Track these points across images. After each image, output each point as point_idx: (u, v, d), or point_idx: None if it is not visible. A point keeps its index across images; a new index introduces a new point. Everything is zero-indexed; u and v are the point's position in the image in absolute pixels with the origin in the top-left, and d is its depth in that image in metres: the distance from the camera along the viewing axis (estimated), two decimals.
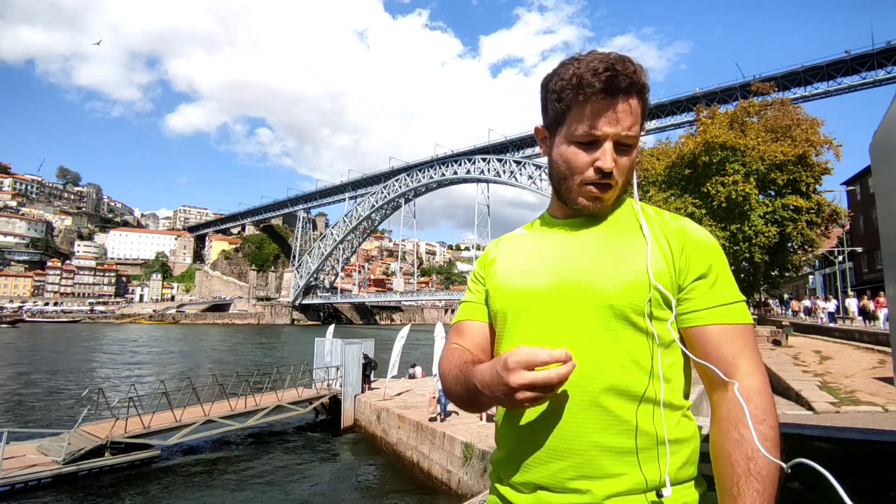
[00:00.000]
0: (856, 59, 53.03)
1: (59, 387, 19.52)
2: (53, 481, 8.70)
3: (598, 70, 0.80)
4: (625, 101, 0.81)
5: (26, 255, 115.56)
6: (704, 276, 0.81)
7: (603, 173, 0.82)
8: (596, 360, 0.78)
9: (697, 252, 0.82)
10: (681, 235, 0.84)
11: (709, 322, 0.79)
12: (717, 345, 0.78)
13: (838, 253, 29.50)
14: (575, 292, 0.82)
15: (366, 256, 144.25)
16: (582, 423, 0.77)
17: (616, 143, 0.82)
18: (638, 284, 0.79)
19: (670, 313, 0.80)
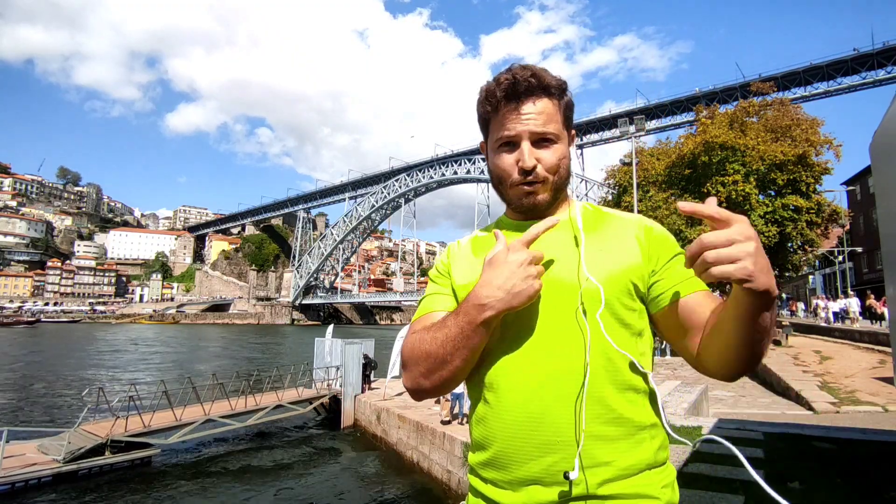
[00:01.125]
0: (856, 59, 53.04)
1: (59, 386, 19.52)
2: (53, 480, 8.70)
3: (499, 81, 0.90)
4: (531, 103, 0.88)
5: (26, 255, 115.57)
6: (674, 258, 0.89)
7: (525, 171, 0.88)
8: (575, 354, 0.82)
9: (663, 240, 0.91)
10: (644, 228, 0.92)
11: (689, 290, 0.85)
12: (701, 304, 0.84)
13: (838, 253, 29.52)
14: (555, 288, 0.85)
15: (366, 256, 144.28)
16: (574, 414, 0.80)
17: (534, 141, 0.89)
18: (608, 277, 0.85)
19: (639, 303, 0.88)
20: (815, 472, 4.32)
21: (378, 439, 11.51)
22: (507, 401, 0.84)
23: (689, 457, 4.51)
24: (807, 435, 5.60)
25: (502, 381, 0.85)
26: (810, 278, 42.61)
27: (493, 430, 0.86)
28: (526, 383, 0.83)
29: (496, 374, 0.87)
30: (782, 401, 9.80)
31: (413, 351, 0.87)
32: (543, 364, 0.83)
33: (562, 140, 0.91)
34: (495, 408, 0.86)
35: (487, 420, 0.87)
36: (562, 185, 0.93)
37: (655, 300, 0.88)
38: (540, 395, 0.82)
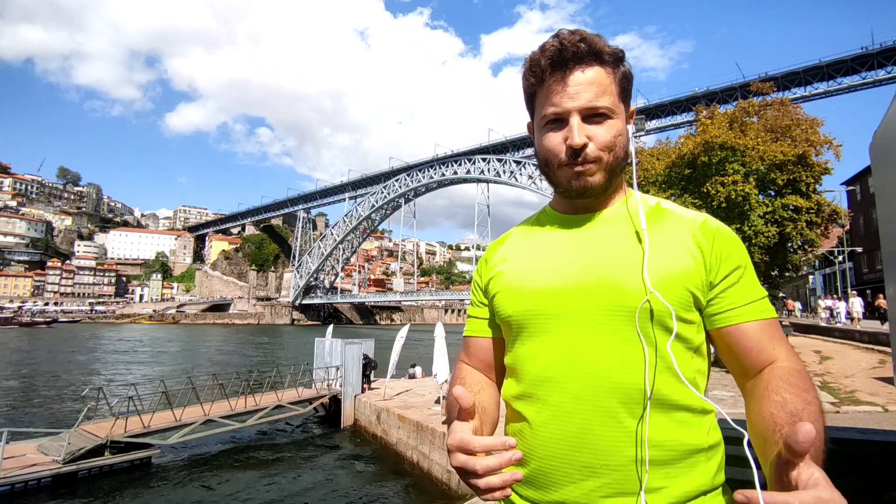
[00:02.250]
0: (856, 59, 53.06)
1: (58, 386, 19.51)
2: (53, 481, 8.69)
3: (545, 48, 0.80)
4: (580, 72, 0.78)
5: (26, 255, 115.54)
6: (735, 272, 0.78)
7: (574, 151, 0.78)
8: (628, 368, 0.74)
9: (728, 248, 0.79)
10: (708, 231, 0.80)
11: (746, 319, 0.77)
12: (757, 339, 0.76)
13: (838, 253, 29.52)
14: (598, 293, 0.77)
15: (366, 256, 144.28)
16: (618, 436, 0.72)
17: (586, 116, 0.78)
18: (669, 284, 0.75)
19: (698, 315, 0.78)
20: None
21: (378, 439, 11.50)
22: (545, 415, 0.77)
23: None
24: None
25: (541, 392, 0.78)
26: (810, 278, 42.62)
27: (530, 446, 0.79)
28: (567, 398, 0.76)
29: (535, 383, 0.79)
30: None
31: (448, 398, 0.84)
32: (589, 378, 0.75)
33: (618, 115, 0.80)
34: (533, 422, 0.79)
35: (524, 434, 0.80)
36: (618, 166, 0.81)
37: (710, 319, 0.79)
38: (581, 412, 0.74)
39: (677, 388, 0.74)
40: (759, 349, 0.76)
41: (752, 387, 0.75)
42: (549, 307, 0.80)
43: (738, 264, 0.79)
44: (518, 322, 0.83)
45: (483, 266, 0.95)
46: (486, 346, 0.93)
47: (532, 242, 0.89)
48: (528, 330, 0.82)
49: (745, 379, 0.78)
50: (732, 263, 0.79)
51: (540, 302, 0.81)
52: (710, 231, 0.80)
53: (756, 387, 0.74)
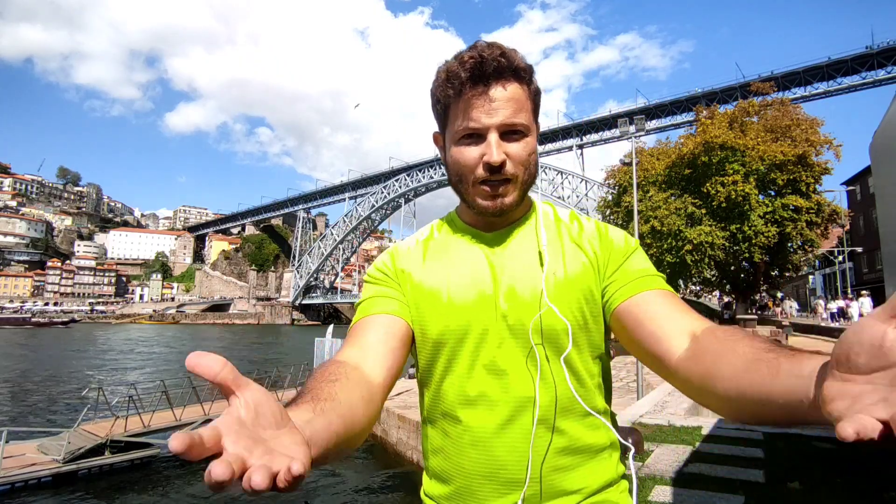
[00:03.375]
0: (856, 59, 53.09)
1: (59, 386, 19.52)
2: (53, 480, 8.70)
3: (463, 59, 0.77)
4: (499, 87, 0.76)
5: (26, 255, 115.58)
6: (623, 257, 0.82)
7: (492, 168, 0.76)
8: (548, 383, 0.77)
9: (614, 241, 0.84)
10: (596, 235, 0.85)
11: (641, 289, 0.77)
12: (662, 304, 0.74)
13: (838, 253, 29.53)
14: (508, 312, 0.78)
15: (366, 256, 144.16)
16: (541, 449, 0.75)
17: (503, 133, 0.77)
18: (577, 298, 0.79)
19: (601, 318, 0.81)
20: (815, 472, 4.32)
21: (378, 439, 11.51)
22: (470, 436, 0.77)
23: (689, 457, 4.51)
24: (807, 435, 5.60)
25: (464, 413, 0.78)
26: (810, 278, 42.62)
27: (455, 465, 0.79)
28: (490, 418, 0.77)
29: (457, 403, 0.79)
30: None
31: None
32: (508, 397, 0.77)
33: (532, 132, 0.80)
34: (457, 441, 0.79)
35: (448, 453, 0.80)
36: (530, 183, 0.82)
37: (608, 303, 0.80)
38: (506, 432, 0.76)
39: (588, 394, 0.79)
40: (669, 314, 0.72)
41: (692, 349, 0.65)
42: (466, 325, 0.79)
43: (625, 251, 0.82)
44: (437, 340, 0.80)
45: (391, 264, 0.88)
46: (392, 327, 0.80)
47: (445, 255, 0.86)
48: (447, 348, 0.80)
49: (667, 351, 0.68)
50: (619, 252, 0.82)
51: (458, 319, 0.79)
52: (598, 234, 0.84)
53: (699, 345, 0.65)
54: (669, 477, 4.00)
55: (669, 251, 19.06)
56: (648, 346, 0.72)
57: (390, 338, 0.79)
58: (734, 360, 0.57)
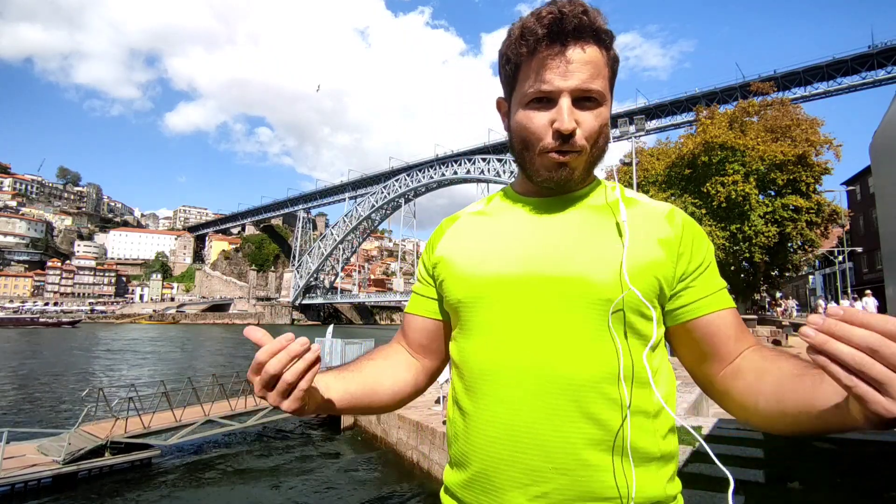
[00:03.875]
0: (856, 59, 53.07)
1: (59, 387, 19.52)
2: (53, 481, 8.69)
3: (541, 14, 0.70)
4: (577, 49, 0.69)
5: (26, 255, 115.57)
6: (703, 263, 0.75)
7: (563, 136, 0.70)
8: (583, 363, 0.68)
9: (698, 239, 0.76)
10: (678, 221, 0.76)
11: (714, 309, 0.73)
12: (734, 326, 0.73)
13: (838, 253, 29.52)
14: (555, 282, 0.71)
15: (366, 256, 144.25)
16: (568, 437, 0.66)
17: (576, 99, 0.71)
18: (641, 277, 0.70)
19: (661, 309, 0.73)
20: (815, 472, 4.32)
21: (378, 439, 11.50)
22: (488, 413, 0.71)
23: (689, 456, 4.51)
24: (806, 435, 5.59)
25: (484, 386, 0.72)
26: (810, 278, 42.61)
27: (472, 446, 0.72)
28: (512, 393, 0.69)
29: (477, 376, 0.73)
30: None
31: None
32: (538, 373, 0.68)
33: (606, 102, 0.73)
34: (475, 419, 0.72)
35: (466, 432, 0.74)
36: (599, 158, 0.76)
37: (675, 313, 0.74)
38: (528, 410, 0.68)
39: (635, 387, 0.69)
40: (736, 336, 0.73)
41: (738, 366, 0.71)
42: (501, 294, 0.73)
43: (705, 255, 0.76)
44: (466, 308, 0.76)
45: (432, 243, 0.88)
46: (424, 326, 0.87)
47: (488, 224, 0.82)
48: (476, 318, 0.75)
49: (718, 366, 0.73)
50: (700, 254, 0.75)
51: (492, 288, 0.74)
52: (678, 222, 0.76)
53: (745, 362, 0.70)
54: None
55: None
56: (705, 364, 0.74)
57: (424, 336, 0.88)
58: (778, 374, 0.63)
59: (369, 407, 0.81)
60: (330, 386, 0.74)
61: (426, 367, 0.89)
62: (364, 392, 0.78)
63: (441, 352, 0.88)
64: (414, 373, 0.87)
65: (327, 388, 0.74)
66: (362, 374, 0.80)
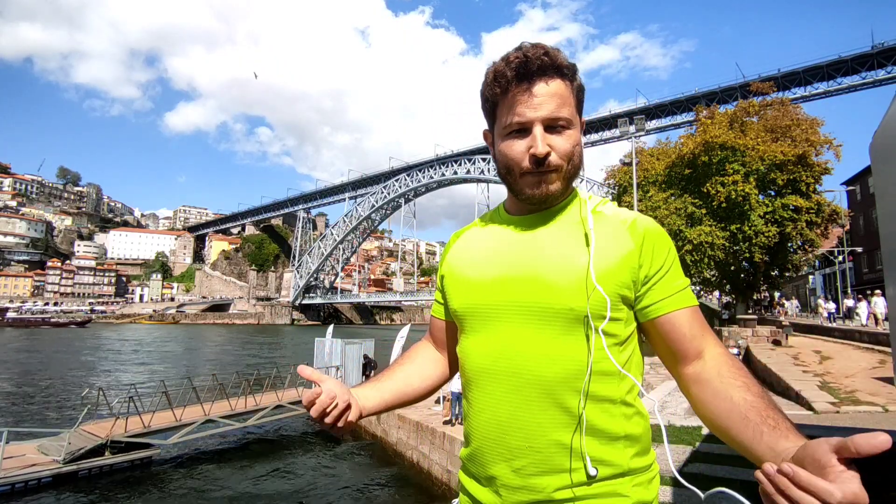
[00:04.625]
0: (856, 59, 53.06)
1: (59, 386, 19.52)
2: (53, 481, 8.70)
3: (509, 59, 0.83)
4: (543, 84, 0.82)
5: (26, 255, 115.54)
6: (664, 266, 0.85)
7: (538, 159, 0.82)
8: (553, 360, 0.80)
9: (658, 244, 0.85)
10: (640, 229, 0.85)
11: (673, 308, 0.84)
12: (689, 326, 0.84)
13: (838, 253, 29.53)
14: (526, 289, 0.83)
15: (366, 256, 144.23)
16: (542, 422, 0.80)
17: (548, 126, 0.83)
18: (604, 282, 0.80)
19: (627, 310, 0.84)
20: None
21: (378, 439, 11.51)
22: (481, 403, 0.86)
23: (689, 456, 4.51)
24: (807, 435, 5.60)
25: (479, 381, 0.86)
26: (810, 278, 42.60)
27: (472, 428, 0.88)
28: (498, 388, 0.83)
29: (474, 372, 0.88)
30: (782, 401, 9.79)
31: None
32: (517, 370, 0.82)
33: (575, 126, 0.85)
34: (473, 407, 0.88)
35: (469, 417, 0.90)
36: (574, 174, 0.87)
37: (641, 312, 0.85)
38: (509, 401, 0.82)
39: (600, 379, 0.80)
40: (692, 335, 0.83)
41: (696, 373, 0.82)
42: (487, 303, 0.86)
43: (666, 258, 0.85)
44: (462, 315, 0.91)
45: (444, 254, 1.02)
46: (441, 326, 1.05)
47: (482, 239, 0.95)
48: (470, 323, 0.89)
49: (681, 364, 0.84)
50: (661, 258, 0.85)
51: (480, 297, 0.87)
52: (639, 230, 0.85)
53: (702, 374, 0.81)
54: (669, 477, 4.00)
55: None
56: (671, 360, 0.86)
57: (444, 335, 1.06)
58: (728, 407, 0.75)
59: (403, 405, 1.01)
60: (368, 398, 0.92)
61: (450, 358, 1.07)
62: (396, 397, 0.98)
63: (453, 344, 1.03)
64: (440, 366, 1.07)
65: (366, 400, 0.91)
66: (394, 381, 0.99)
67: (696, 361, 0.83)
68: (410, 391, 1.01)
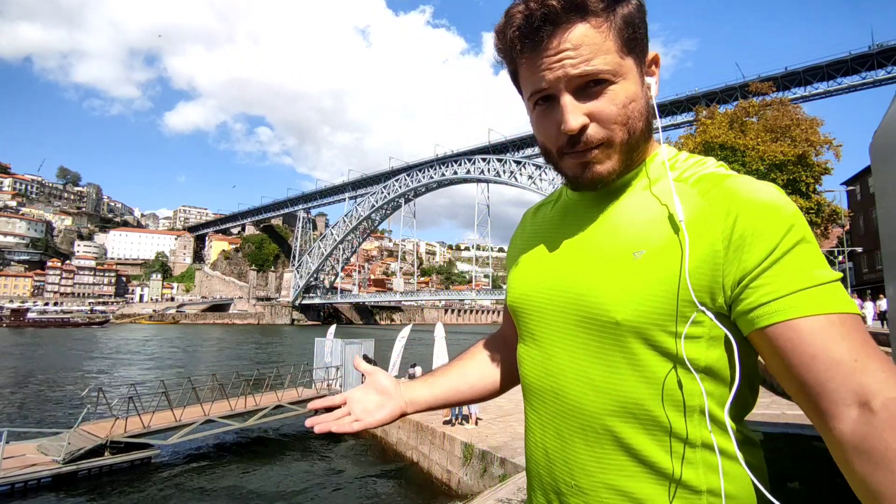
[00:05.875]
0: (855, 60, 53.07)
1: (59, 386, 19.52)
2: (53, 481, 8.70)
3: (510, 15, 0.63)
4: (560, 33, 0.60)
5: (26, 255, 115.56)
6: (775, 252, 0.55)
7: (572, 138, 0.62)
8: (601, 388, 0.62)
9: (762, 219, 0.56)
10: (730, 201, 0.59)
11: (798, 314, 0.53)
12: (823, 344, 0.52)
13: (838, 253, 29.53)
14: (573, 291, 0.66)
15: (366, 256, 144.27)
16: (587, 459, 0.64)
17: (579, 88, 0.61)
18: (661, 294, 0.59)
19: (707, 324, 0.59)
20: (815, 472, 4.32)
21: (378, 439, 11.50)
22: (531, 419, 0.73)
23: None
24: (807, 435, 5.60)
25: (527, 393, 0.74)
26: None
27: (526, 445, 0.76)
28: (542, 405, 0.70)
29: (524, 382, 0.75)
30: (782, 401, 9.79)
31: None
32: (557, 392, 0.67)
33: (623, 75, 0.62)
34: (526, 421, 0.75)
35: (526, 432, 0.76)
36: (636, 141, 0.65)
37: (744, 318, 0.57)
38: (555, 424, 0.67)
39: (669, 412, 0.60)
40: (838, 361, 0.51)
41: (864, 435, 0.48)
42: (537, 301, 0.71)
43: (780, 241, 0.55)
44: (514, 311, 0.77)
45: (513, 240, 0.87)
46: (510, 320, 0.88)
47: (546, 220, 0.78)
48: (522, 323, 0.75)
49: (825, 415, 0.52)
50: (772, 240, 0.56)
51: (530, 292, 0.73)
52: (733, 200, 0.59)
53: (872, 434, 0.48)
54: None
55: None
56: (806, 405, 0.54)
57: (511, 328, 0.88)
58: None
59: (458, 402, 0.91)
60: (417, 393, 0.86)
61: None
62: (447, 394, 0.88)
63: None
64: (502, 366, 0.91)
65: (416, 395, 0.86)
66: (447, 377, 0.90)
67: (855, 410, 0.50)
68: (464, 389, 0.89)
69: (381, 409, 0.80)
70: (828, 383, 0.51)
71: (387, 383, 0.82)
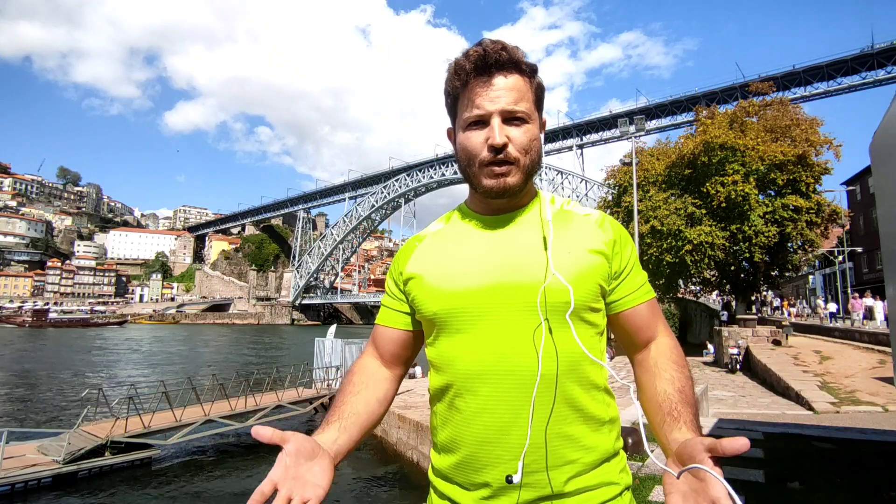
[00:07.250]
0: (856, 59, 53.10)
1: (59, 387, 19.52)
2: (53, 481, 8.70)
3: (468, 54, 0.86)
4: (501, 77, 0.84)
5: (26, 255, 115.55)
6: (630, 262, 0.91)
7: (496, 149, 0.83)
8: (552, 354, 0.81)
9: (626, 241, 0.92)
10: (610, 227, 0.91)
11: (638, 302, 0.91)
12: (646, 318, 0.92)
13: (838, 253, 29.54)
14: (513, 291, 0.83)
15: (366, 256, 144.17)
16: (543, 418, 0.80)
17: (506, 119, 0.84)
18: (581, 279, 0.84)
19: (602, 303, 0.89)
20: (815, 472, 4.32)
21: (378, 439, 11.51)
22: (476, 406, 0.83)
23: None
24: (807, 435, 5.61)
25: (471, 385, 0.84)
26: (810, 278, 42.62)
27: (462, 435, 0.85)
28: (496, 390, 0.82)
29: (464, 377, 0.85)
30: (782, 401, 9.80)
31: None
32: (512, 369, 0.81)
33: (533, 121, 0.87)
34: (464, 413, 0.84)
35: (455, 424, 0.86)
36: (533, 169, 0.88)
37: (612, 304, 0.91)
38: (508, 400, 0.81)
39: (588, 369, 0.84)
40: (647, 326, 0.92)
41: (642, 359, 0.92)
42: (473, 306, 0.85)
43: (631, 255, 0.92)
44: (442, 320, 0.87)
45: (401, 260, 0.97)
46: (396, 336, 0.98)
47: (450, 243, 0.93)
48: (452, 327, 0.86)
49: (634, 351, 0.94)
50: (626, 254, 0.91)
51: (463, 301, 0.85)
52: (607, 227, 0.91)
53: (646, 361, 0.91)
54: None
55: (669, 251, 19.05)
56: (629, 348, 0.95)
57: (397, 346, 0.98)
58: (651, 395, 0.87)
59: (366, 436, 0.94)
60: (340, 444, 0.85)
61: (397, 375, 1.01)
62: (363, 432, 0.91)
63: (409, 359, 1.01)
64: (393, 387, 0.99)
65: (338, 446, 0.84)
66: (359, 417, 0.90)
67: (645, 349, 0.92)
68: (374, 421, 0.94)
69: (324, 474, 0.73)
70: (642, 334, 0.92)
71: (311, 444, 0.76)
